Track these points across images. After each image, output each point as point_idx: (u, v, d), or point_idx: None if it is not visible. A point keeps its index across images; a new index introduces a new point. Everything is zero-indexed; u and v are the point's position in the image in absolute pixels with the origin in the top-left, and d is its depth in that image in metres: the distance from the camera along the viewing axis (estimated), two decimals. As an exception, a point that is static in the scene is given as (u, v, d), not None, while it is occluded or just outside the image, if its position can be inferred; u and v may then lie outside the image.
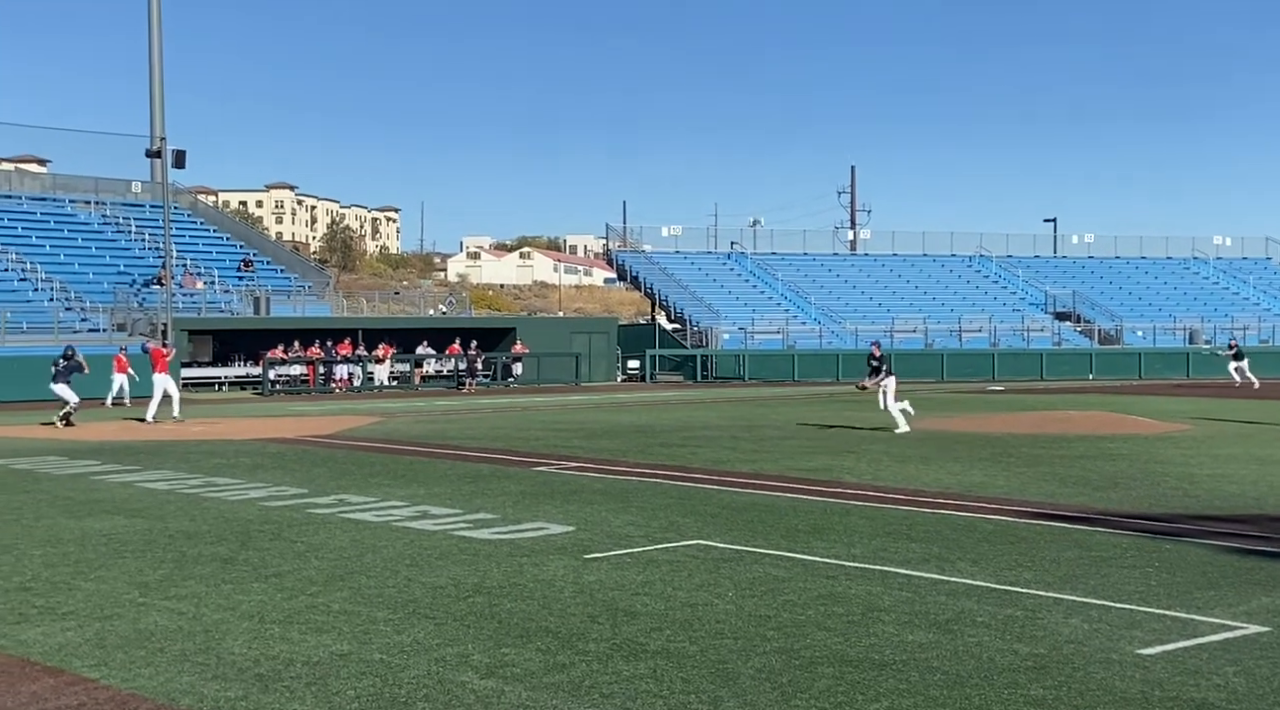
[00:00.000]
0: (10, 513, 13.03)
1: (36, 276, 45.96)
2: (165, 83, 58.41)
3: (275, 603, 8.48)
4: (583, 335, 52.54)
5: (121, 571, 9.66)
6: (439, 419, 28.71)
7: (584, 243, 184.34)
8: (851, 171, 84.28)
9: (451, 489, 14.88)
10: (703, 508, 13.16)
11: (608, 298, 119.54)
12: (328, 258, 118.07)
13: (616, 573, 9.51)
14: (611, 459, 18.57)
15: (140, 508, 13.35)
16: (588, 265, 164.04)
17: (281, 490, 14.79)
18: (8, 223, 49.65)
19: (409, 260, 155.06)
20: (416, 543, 10.96)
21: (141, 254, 50.95)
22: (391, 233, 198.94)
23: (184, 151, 45.53)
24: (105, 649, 7.22)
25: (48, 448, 21.03)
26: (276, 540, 11.14)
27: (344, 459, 18.96)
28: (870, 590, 8.81)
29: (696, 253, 66.30)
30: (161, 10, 57.69)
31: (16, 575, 9.52)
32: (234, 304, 48.15)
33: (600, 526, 11.86)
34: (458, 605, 8.38)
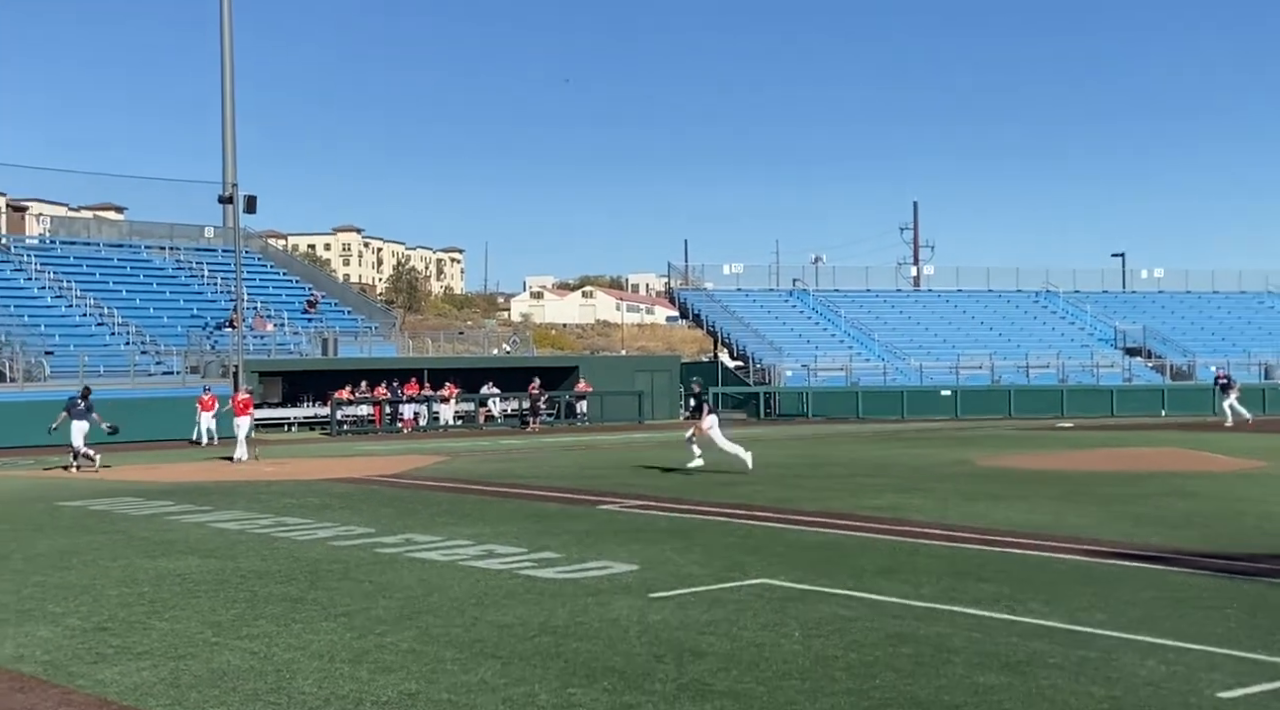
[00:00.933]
0: (89, 553, 13.27)
1: (113, 321, 46.93)
2: (237, 129, 59.64)
3: (344, 642, 8.56)
4: (645, 373, 52.61)
5: (195, 611, 9.80)
6: (504, 458, 28.86)
7: (646, 281, 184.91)
8: (914, 207, 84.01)
9: (517, 528, 14.94)
10: (768, 546, 13.10)
11: (670, 336, 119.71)
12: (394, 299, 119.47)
13: (682, 612, 9.50)
14: (675, 497, 18.55)
15: (213, 548, 13.55)
16: (650, 303, 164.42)
17: (349, 529, 14.94)
18: (86, 269, 50.79)
19: (473, 300, 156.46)
20: (482, 582, 11.02)
21: (214, 297, 51.86)
22: (456, 273, 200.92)
23: (255, 197, 46.40)
24: (179, 688, 7.33)
25: (123, 489, 21.40)
26: (345, 579, 11.25)
27: (410, 498, 19.11)
28: (940, 631, 8.72)
29: (759, 290, 66.24)
30: (234, 60, 58.99)
31: (94, 615, 9.70)
32: (302, 345, 48.82)
33: (665, 565, 11.85)
34: (524, 645, 8.41)
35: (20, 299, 46.36)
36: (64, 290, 48.49)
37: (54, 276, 49.24)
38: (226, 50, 59.14)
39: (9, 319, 42.90)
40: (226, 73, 59.30)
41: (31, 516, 17.11)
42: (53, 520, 16.63)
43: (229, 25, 59.00)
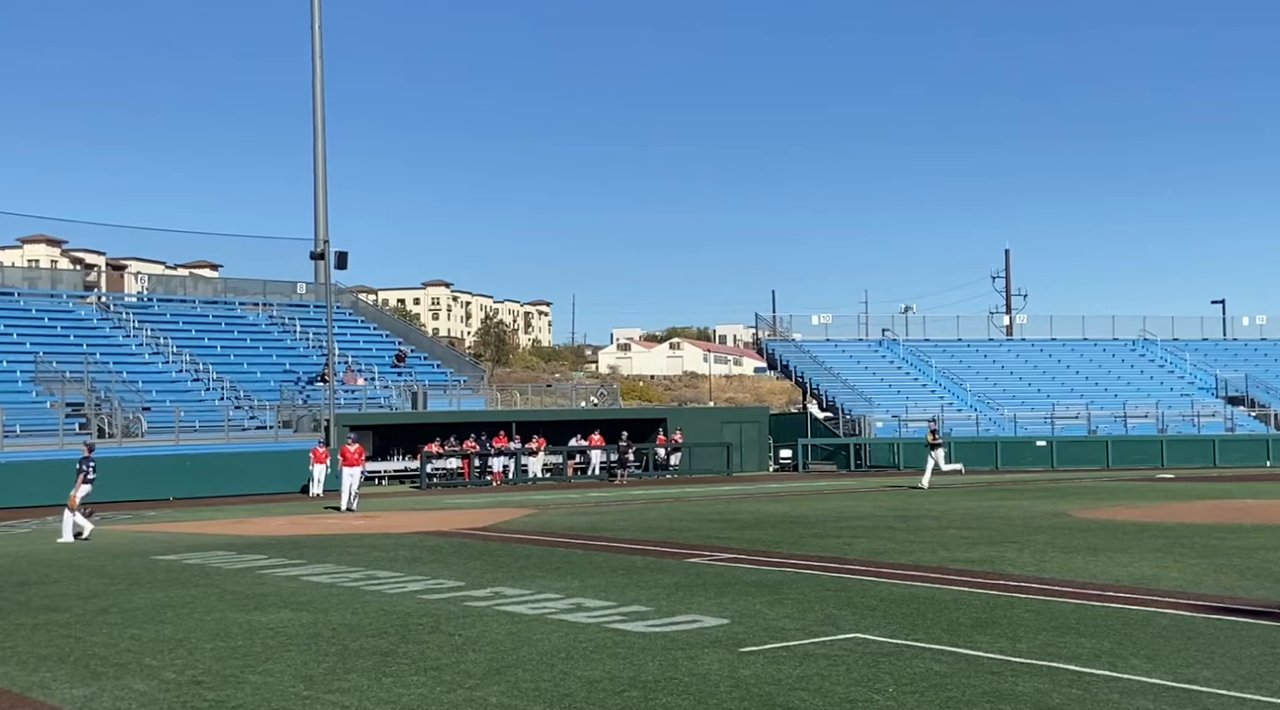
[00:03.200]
0: (184, 606, 13.45)
1: (208, 376, 47.92)
2: (329, 186, 60.89)
3: (434, 696, 8.55)
4: (734, 425, 52.37)
5: (287, 665, 9.87)
6: (592, 511, 28.84)
7: (733, 332, 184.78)
8: (1006, 255, 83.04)
9: (605, 581, 14.87)
10: (860, 600, 12.89)
11: (758, 387, 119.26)
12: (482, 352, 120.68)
13: (773, 667, 9.36)
14: (765, 550, 18.37)
15: (304, 601, 13.66)
16: (737, 354, 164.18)
17: (439, 583, 14.99)
18: (182, 326, 52.01)
19: (561, 353, 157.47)
20: (571, 636, 10.96)
21: (306, 352, 52.76)
22: (543, 326, 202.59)
23: (346, 253, 47.25)
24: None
25: (217, 543, 21.73)
26: (435, 633, 11.26)
27: (499, 551, 19.15)
28: (1039, 687, 8.48)
29: (847, 340, 65.77)
30: (325, 119, 60.36)
31: (189, 669, 9.80)
32: (392, 399, 49.39)
33: (755, 619, 11.70)
34: (613, 699, 8.33)
35: (119, 356, 47.56)
36: (161, 347, 49.66)
37: (151, 333, 50.48)
38: (319, 109, 60.55)
39: (108, 376, 43.98)
40: (319, 132, 60.69)
41: (128, 570, 17.41)
42: (148, 574, 16.91)
43: (321, 85, 60.45)
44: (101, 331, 49.76)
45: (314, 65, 60.80)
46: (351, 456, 31.45)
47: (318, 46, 60.33)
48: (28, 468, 35.73)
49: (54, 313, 50.16)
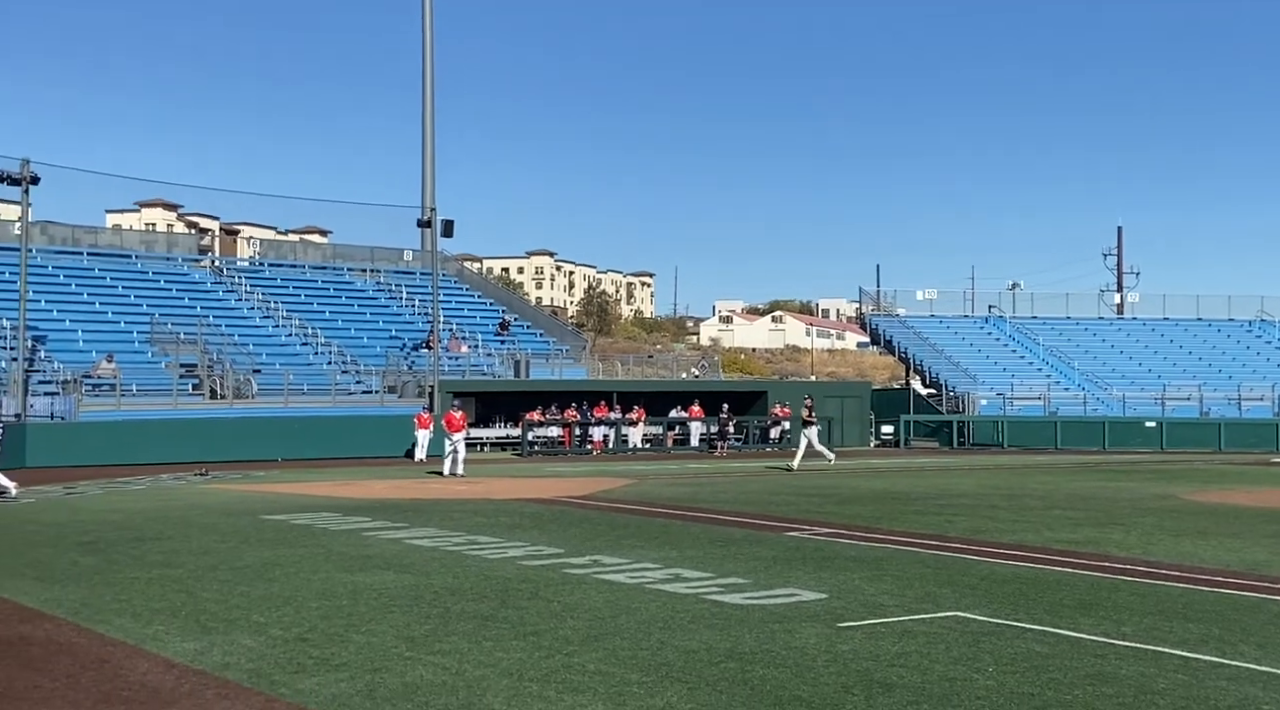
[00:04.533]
0: (291, 565, 13.77)
1: (316, 341, 48.86)
2: (436, 156, 61.55)
3: (533, 661, 8.65)
4: (835, 399, 51.99)
5: (390, 625, 10.05)
6: (691, 482, 28.89)
7: (836, 306, 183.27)
8: (1118, 232, 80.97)
9: (703, 552, 14.89)
10: (961, 578, 12.74)
11: (860, 362, 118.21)
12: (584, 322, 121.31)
13: (871, 643, 9.30)
14: (865, 525, 18.24)
15: (407, 564, 13.90)
16: (840, 329, 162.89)
17: (539, 550, 15.13)
18: (293, 290, 53.06)
19: (662, 324, 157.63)
20: (669, 605, 11.00)
21: (411, 319, 53.51)
22: (646, 297, 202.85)
23: (452, 221, 47.83)
24: (375, 701, 7.50)
25: (323, 504, 22.18)
26: (534, 599, 11.38)
27: (598, 520, 19.27)
28: (1143, 671, 8.31)
29: (953, 316, 64.83)
30: (434, 89, 60.94)
31: (295, 626, 10.03)
32: (495, 367, 49.90)
33: (854, 594, 11.63)
34: (710, 670, 8.35)
35: (231, 319, 48.71)
36: (271, 311, 50.74)
37: (262, 297, 51.59)
38: (428, 79, 61.15)
39: (220, 338, 45.07)
40: (428, 101, 61.30)
41: (238, 529, 17.87)
42: (257, 533, 17.34)
43: (431, 55, 61.02)
44: (215, 295, 50.99)
45: (424, 35, 61.38)
46: (456, 422, 31.93)
47: (428, 15, 60.87)
48: (144, 426, 36.82)
49: (170, 275, 51.51)
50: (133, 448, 35.60)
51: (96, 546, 15.64)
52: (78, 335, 43.68)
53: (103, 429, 36.37)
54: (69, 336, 43.36)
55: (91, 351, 42.25)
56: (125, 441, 35.87)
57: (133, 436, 36.16)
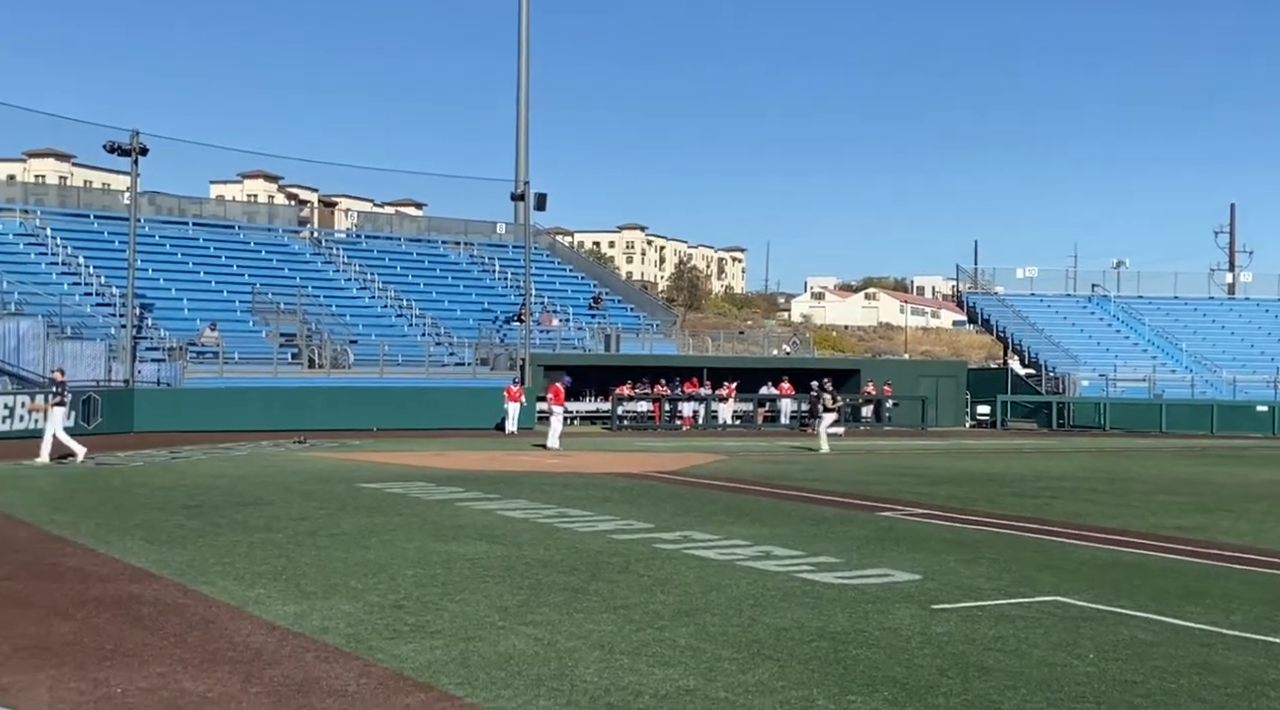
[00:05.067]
0: (386, 533, 13.96)
1: (411, 312, 49.45)
2: (530, 130, 61.78)
3: (624, 634, 8.66)
4: (929, 379, 51.41)
5: (483, 595, 10.14)
6: (781, 459, 28.76)
7: (932, 284, 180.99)
8: (1231, 210, 78.76)
9: (794, 530, 14.81)
10: (1060, 563, 12.51)
11: (956, 341, 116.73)
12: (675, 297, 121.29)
13: (966, 626, 9.16)
14: (960, 507, 18.00)
15: (499, 535, 14.01)
16: (935, 306, 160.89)
17: (629, 524, 15.17)
18: (388, 262, 53.73)
19: (753, 300, 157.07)
20: (759, 583, 10.95)
21: (503, 292, 53.90)
22: (737, 273, 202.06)
23: (545, 195, 48.01)
24: (469, 668, 7.57)
25: (417, 474, 22.46)
26: (625, 572, 11.40)
27: (688, 495, 19.26)
28: (1253, 662, 8.08)
29: (1054, 295, 63.66)
30: (529, 63, 61.14)
31: (391, 593, 10.17)
32: (586, 341, 50.10)
33: (948, 576, 11.47)
34: (801, 648, 8.29)
35: (329, 289, 49.46)
36: (368, 282, 51.43)
37: (359, 269, 52.31)
38: (523, 54, 61.37)
39: (318, 309, 45.80)
40: (522, 75, 61.53)
41: (335, 496, 18.16)
42: (354, 500, 17.61)
43: (526, 29, 61.19)
44: (313, 266, 51.81)
45: (520, 8, 61.54)
46: (559, 396, 32.23)
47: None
48: (244, 394, 37.59)
49: (270, 246, 52.42)
50: (234, 414, 36.36)
51: (201, 510, 16.01)
52: (183, 304, 44.68)
53: (206, 395, 37.20)
54: (175, 305, 44.37)
55: (196, 320, 43.21)
56: (227, 408, 36.65)
57: (234, 403, 36.93)
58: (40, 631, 8.54)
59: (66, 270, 44.77)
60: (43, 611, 9.26)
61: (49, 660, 7.70)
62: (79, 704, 6.71)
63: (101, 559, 11.91)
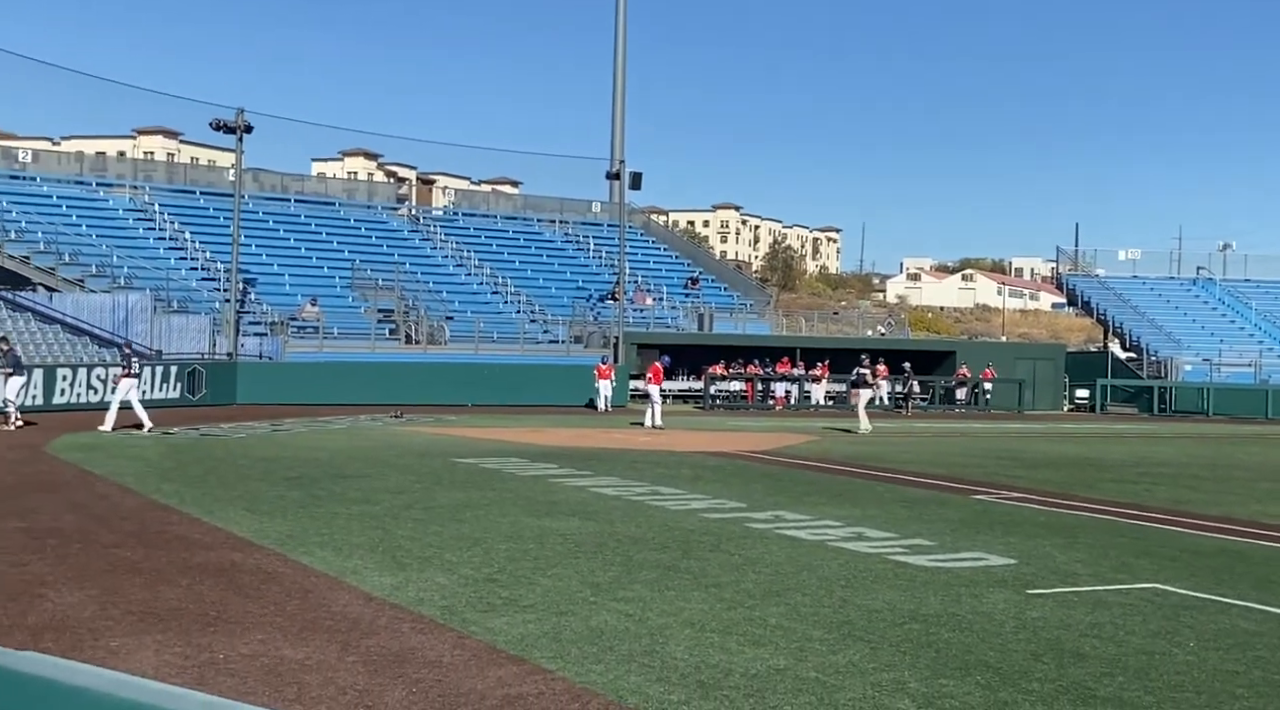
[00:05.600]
0: (481, 508, 14.14)
1: (506, 290, 49.88)
2: (626, 109, 61.79)
3: (715, 612, 8.68)
4: (1027, 361, 50.61)
5: (575, 571, 10.23)
6: (875, 441, 28.54)
7: (1030, 265, 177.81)
8: (1342, 190, 76.20)
9: (886, 512, 14.71)
10: (1159, 549, 12.27)
11: (1054, 323, 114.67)
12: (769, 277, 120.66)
13: (1062, 611, 9.04)
14: (1057, 491, 17.72)
15: (592, 511, 14.11)
16: (1034, 289, 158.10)
17: (721, 503, 15.18)
18: (484, 240, 54.23)
19: (848, 281, 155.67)
20: (851, 564, 10.90)
21: (598, 271, 54.10)
22: (831, 253, 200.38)
23: (640, 174, 48.03)
24: (561, 643, 7.65)
25: (511, 450, 22.70)
26: (716, 551, 11.42)
27: (780, 475, 19.22)
28: (1359, 657, 7.86)
29: (1157, 278, 62.23)
30: (626, 41, 61.12)
31: (485, 566, 10.30)
32: (679, 320, 50.12)
33: (1044, 561, 11.32)
34: (893, 630, 8.25)
35: (427, 266, 50.07)
36: (464, 259, 51.96)
37: (456, 246, 52.87)
38: (620, 32, 61.33)
39: (416, 285, 46.40)
40: (619, 53, 61.53)
41: (431, 470, 18.42)
42: (449, 475, 17.85)
43: (624, 7, 61.12)
44: (411, 242, 52.47)
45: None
46: (658, 375, 32.33)
47: (621, -32, 60.92)
48: (344, 368, 38.25)
49: (369, 223, 53.20)
50: (333, 388, 37.02)
51: (301, 482, 16.35)
52: (284, 279, 45.55)
53: (306, 369, 37.92)
54: (277, 280, 45.26)
55: (297, 295, 44.03)
56: (326, 382, 37.32)
57: (333, 377, 37.59)
58: (147, 597, 8.81)
59: (173, 245, 45.88)
60: (150, 578, 9.54)
61: (155, 625, 7.94)
62: (183, 668, 6.91)
63: (205, 528, 12.23)
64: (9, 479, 16.18)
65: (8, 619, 8.03)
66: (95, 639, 7.55)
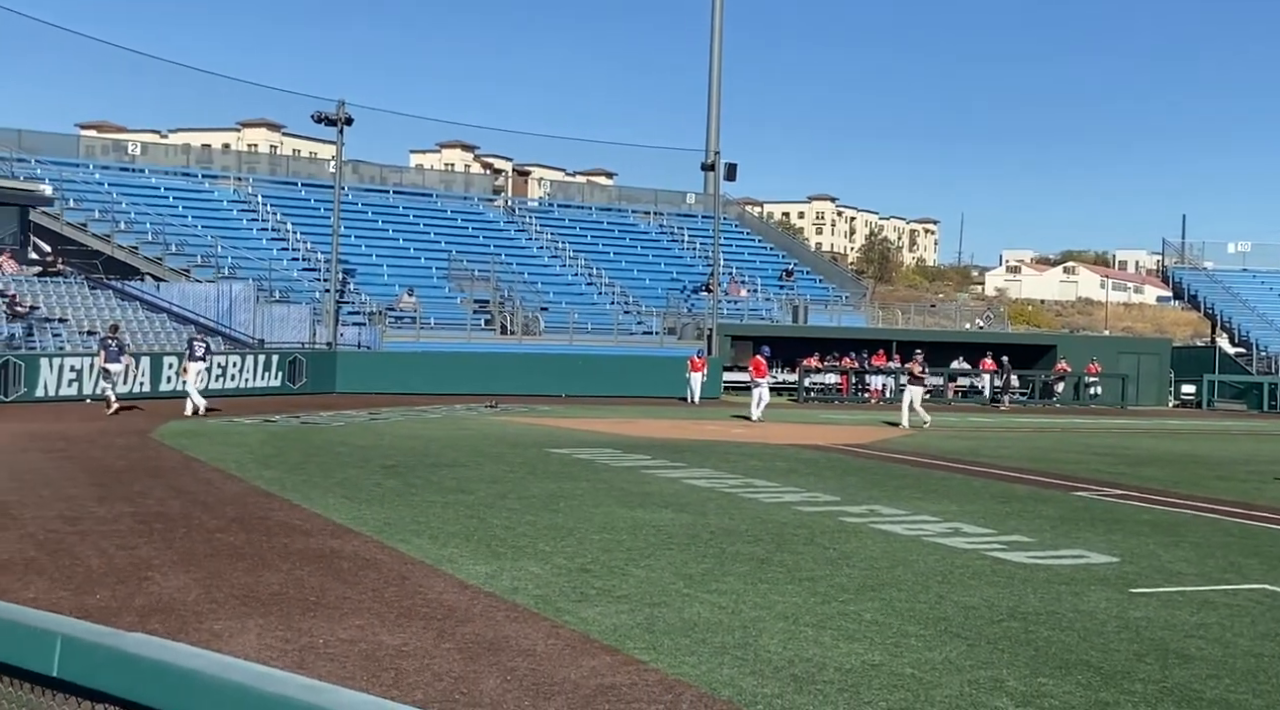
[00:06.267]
0: (574, 498, 14.22)
1: (601, 281, 50.05)
2: (721, 100, 61.59)
3: (809, 606, 8.63)
4: (1131, 356, 49.52)
5: (668, 562, 10.23)
6: (972, 435, 28.15)
7: (1135, 258, 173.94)
8: None
9: (984, 508, 14.50)
10: (1269, 549, 11.93)
11: (1160, 317, 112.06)
12: (864, 269, 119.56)
13: (1166, 611, 8.83)
14: (1160, 489, 17.32)
15: (685, 503, 14.11)
16: (1138, 282, 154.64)
17: (815, 496, 15.08)
18: (579, 231, 54.45)
19: (945, 273, 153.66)
20: (948, 560, 10.77)
21: (692, 262, 54.04)
22: (929, 245, 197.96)
23: (735, 165, 47.91)
24: (654, 634, 7.66)
25: (604, 441, 22.77)
26: (810, 545, 11.36)
27: (875, 469, 19.04)
28: None
29: (1268, 271, 60.39)
30: (723, 35, 60.92)
31: (579, 557, 10.35)
32: (774, 312, 49.89)
33: (1148, 560, 11.07)
34: (991, 628, 8.13)
35: (522, 257, 50.42)
36: (559, 250, 52.23)
37: (551, 237, 53.15)
38: (717, 23, 61.14)
39: (511, 276, 46.75)
40: (715, 45, 61.34)
41: (525, 460, 18.57)
42: (543, 465, 17.97)
43: (720, 3, 60.91)
44: (507, 234, 52.88)
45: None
46: (762, 367, 32.09)
47: (717, -42, 60.69)
48: (439, 358, 38.69)
49: (466, 214, 53.71)
50: (429, 377, 37.47)
51: (397, 470, 16.58)
52: (383, 269, 46.20)
53: (403, 359, 38.44)
54: (375, 270, 45.92)
55: (395, 285, 44.63)
56: (423, 371, 37.78)
57: (429, 367, 38.05)
58: (249, 582, 8.99)
59: (275, 236, 46.77)
60: (252, 563, 9.75)
61: (257, 609, 8.11)
62: (284, 652, 7.04)
63: (305, 514, 12.46)
64: (119, 464, 16.64)
65: (116, 601, 8.25)
66: (199, 622, 7.73)
